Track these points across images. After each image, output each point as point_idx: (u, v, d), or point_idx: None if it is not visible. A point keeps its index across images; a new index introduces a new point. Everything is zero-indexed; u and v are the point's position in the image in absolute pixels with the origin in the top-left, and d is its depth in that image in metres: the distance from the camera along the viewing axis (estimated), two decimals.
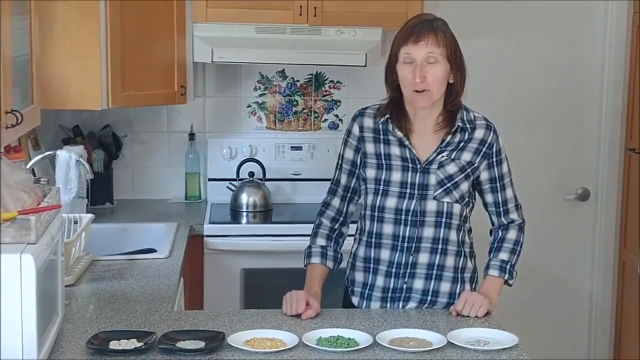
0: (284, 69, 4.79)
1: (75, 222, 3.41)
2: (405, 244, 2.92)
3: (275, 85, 4.81)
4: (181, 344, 2.45)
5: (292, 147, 4.77)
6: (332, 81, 4.83)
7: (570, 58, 4.92)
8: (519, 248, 3.02)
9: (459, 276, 2.98)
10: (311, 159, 4.77)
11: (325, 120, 4.85)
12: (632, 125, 4.79)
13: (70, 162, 3.82)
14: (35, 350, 2.16)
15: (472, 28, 4.69)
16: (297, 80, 4.81)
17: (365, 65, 4.31)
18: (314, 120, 4.85)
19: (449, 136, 2.90)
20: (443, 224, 2.91)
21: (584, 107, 4.96)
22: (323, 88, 4.83)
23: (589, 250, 5.05)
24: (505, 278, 2.97)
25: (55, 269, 2.46)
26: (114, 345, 2.42)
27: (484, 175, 2.96)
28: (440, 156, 2.90)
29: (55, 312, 2.47)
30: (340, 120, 4.82)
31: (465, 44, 2.96)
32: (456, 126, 2.90)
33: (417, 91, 2.82)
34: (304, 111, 4.83)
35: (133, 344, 2.44)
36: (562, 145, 4.98)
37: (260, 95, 4.81)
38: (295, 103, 4.83)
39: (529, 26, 4.87)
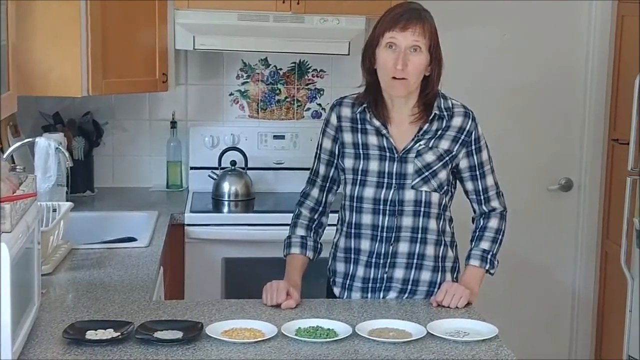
0: (266, 57, 4.76)
1: (54, 210, 3.38)
2: (385, 234, 2.90)
3: (258, 74, 4.78)
4: (159, 334, 2.43)
5: (274, 135, 4.75)
6: (315, 70, 4.81)
7: (554, 48, 4.91)
8: (500, 236, 3.01)
9: (440, 265, 2.97)
10: (294, 147, 4.75)
11: (308, 109, 4.83)
12: (616, 116, 4.79)
13: (49, 149, 3.78)
14: (9, 338, 2.13)
15: (457, 19, 4.69)
16: (280, 69, 4.79)
17: (348, 54, 4.30)
18: (297, 109, 4.82)
19: (427, 124, 2.89)
20: (422, 213, 2.89)
21: (568, 98, 4.96)
22: (306, 76, 4.81)
23: (572, 241, 5.05)
24: (487, 268, 2.97)
25: (31, 257, 2.43)
26: (90, 335, 2.40)
27: (464, 163, 2.94)
28: (417, 145, 2.88)
29: (31, 301, 2.44)
30: (324, 109, 4.79)
31: (451, 35, 2.96)
32: (433, 114, 2.88)
33: (395, 78, 2.80)
34: (287, 100, 4.81)
35: (110, 333, 2.42)
36: (545, 135, 4.98)
37: (243, 83, 4.78)
38: (278, 91, 4.80)
39: (514, 16, 4.86)
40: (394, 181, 2.88)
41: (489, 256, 2.97)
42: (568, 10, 4.89)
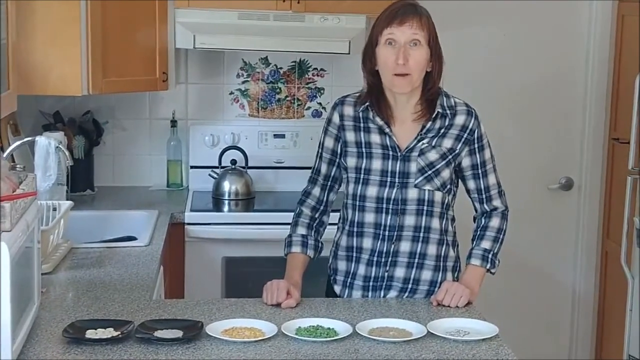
0: (267, 56, 4.76)
1: (54, 209, 3.37)
2: (387, 233, 2.90)
3: (259, 73, 4.78)
4: (159, 333, 2.42)
5: (275, 134, 4.75)
6: (315, 69, 4.80)
7: (554, 48, 4.91)
8: (501, 236, 3.00)
9: (441, 265, 2.96)
10: (294, 146, 4.74)
11: (309, 108, 4.83)
12: (616, 115, 4.79)
13: (49, 148, 3.77)
14: (9, 338, 2.13)
15: (457, 19, 4.69)
16: (281, 68, 4.79)
17: (348, 53, 4.29)
18: (297, 108, 4.82)
19: (429, 123, 2.88)
20: (425, 212, 2.89)
21: (568, 97, 4.96)
22: (306, 75, 4.81)
23: (572, 240, 5.05)
24: (487, 267, 2.96)
25: (31, 256, 2.43)
26: (90, 334, 2.40)
27: (466, 162, 2.94)
28: (420, 143, 2.87)
29: (31, 300, 2.44)
30: (324, 108, 4.79)
31: (451, 35, 2.96)
32: (436, 112, 2.88)
33: (397, 75, 2.79)
34: (287, 99, 4.81)
35: (110, 333, 2.41)
36: (546, 134, 4.98)
37: (243, 82, 4.78)
38: (278, 90, 4.80)
39: (514, 16, 4.86)
40: (397, 180, 2.88)
41: (490, 255, 2.96)
42: (568, 10, 4.88)
